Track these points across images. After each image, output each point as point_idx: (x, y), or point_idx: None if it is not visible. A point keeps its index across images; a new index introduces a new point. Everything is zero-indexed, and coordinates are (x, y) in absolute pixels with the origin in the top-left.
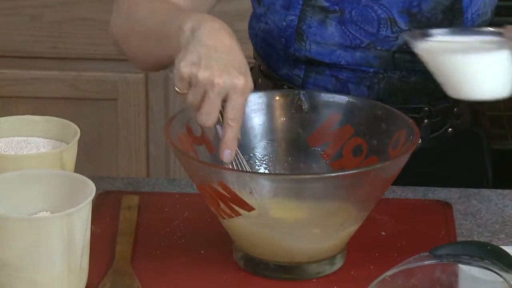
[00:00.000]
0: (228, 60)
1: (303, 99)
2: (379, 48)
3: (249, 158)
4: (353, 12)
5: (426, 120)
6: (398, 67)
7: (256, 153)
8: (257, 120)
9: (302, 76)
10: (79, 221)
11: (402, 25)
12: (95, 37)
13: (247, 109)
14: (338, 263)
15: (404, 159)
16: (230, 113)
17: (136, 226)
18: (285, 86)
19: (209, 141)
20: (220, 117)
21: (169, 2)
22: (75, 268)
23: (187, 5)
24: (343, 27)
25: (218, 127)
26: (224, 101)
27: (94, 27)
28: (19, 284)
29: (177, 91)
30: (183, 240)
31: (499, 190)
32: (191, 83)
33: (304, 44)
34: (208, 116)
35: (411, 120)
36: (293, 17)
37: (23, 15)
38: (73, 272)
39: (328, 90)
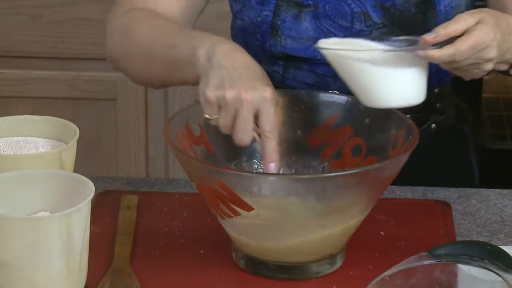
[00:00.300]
0: (250, 75)
1: (303, 99)
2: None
3: (249, 158)
4: (327, 7)
5: (407, 115)
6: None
7: (255, 153)
8: (256, 119)
9: (281, 72)
10: (78, 221)
11: (376, 19)
12: (95, 37)
13: None
14: (337, 263)
15: (404, 159)
16: (266, 125)
17: (135, 226)
18: None
19: (208, 141)
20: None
21: (167, 18)
22: (74, 268)
23: (180, 14)
24: (317, 22)
25: (258, 139)
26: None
27: (93, 27)
28: (18, 284)
29: (208, 119)
30: (182, 240)
31: (498, 190)
32: (220, 106)
33: (279, 40)
34: (243, 134)
35: (410, 120)
36: (268, 12)
37: (23, 15)
38: (72, 272)
39: (308, 85)
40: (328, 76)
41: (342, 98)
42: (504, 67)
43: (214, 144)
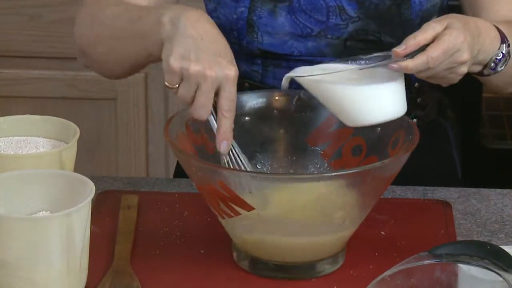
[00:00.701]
0: (215, 50)
1: (303, 98)
2: (330, 36)
3: (249, 158)
4: (302, 1)
5: None
6: (351, 56)
7: (255, 153)
8: (256, 119)
9: (260, 71)
10: (79, 220)
11: (351, 12)
12: None
13: (247, 109)
14: (338, 262)
15: (404, 158)
16: (225, 104)
17: (136, 225)
18: (246, 84)
19: (209, 141)
20: (212, 109)
21: (135, 3)
22: (74, 267)
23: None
24: (293, 16)
25: (211, 118)
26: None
27: None
28: (19, 283)
29: (167, 86)
30: (183, 239)
31: (498, 190)
32: (182, 77)
33: (255, 36)
34: (202, 109)
35: (410, 120)
36: (243, 8)
37: (22, 15)
38: (73, 272)
39: (289, 83)
40: None
41: None
42: (477, 68)
43: (214, 143)
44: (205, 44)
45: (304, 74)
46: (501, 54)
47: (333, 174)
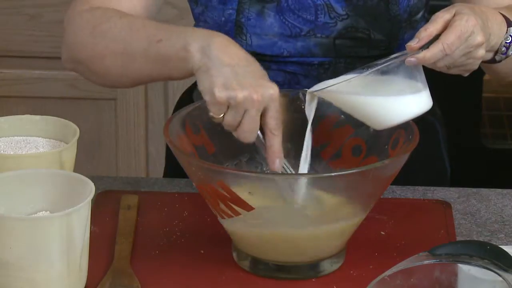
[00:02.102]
0: (253, 73)
1: (302, 98)
2: (319, 35)
3: (249, 158)
4: (290, 1)
5: None
6: (341, 54)
7: (255, 153)
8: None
9: None
10: (79, 220)
11: (340, 10)
12: None
13: None
14: (338, 262)
15: (404, 158)
16: (273, 123)
17: (136, 225)
18: None
19: (209, 141)
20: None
21: (138, 16)
22: (74, 267)
23: (144, 12)
24: (281, 17)
25: (260, 136)
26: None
27: None
28: (19, 283)
29: (213, 117)
30: (183, 239)
31: (498, 190)
32: (229, 106)
33: (244, 38)
34: (250, 133)
35: (410, 120)
36: (231, 11)
37: (23, 15)
38: (72, 272)
39: (280, 84)
40: (298, 74)
41: None
42: (489, 55)
43: (215, 143)
44: (242, 69)
45: (322, 86)
46: (510, 38)
47: (333, 174)
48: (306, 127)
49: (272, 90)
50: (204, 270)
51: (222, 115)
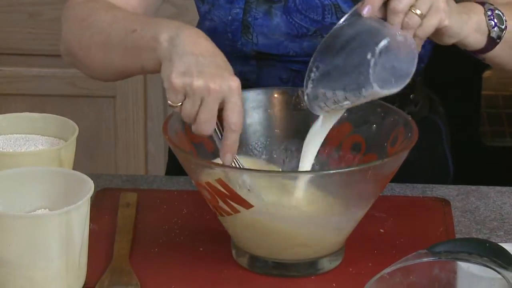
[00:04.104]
0: (216, 64)
1: (302, 96)
2: (326, 35)
3: (248, 156)
4: (297, 1)
5: None
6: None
7: (254, 150)
8: (255, 117)
9: (255, 73)
10: (78, 218)
11: (347, 10)
12: None
13: (246, 106)
14: (337, 260)
15: (403, 156)
16: (231, 116)
17: (135, 223)
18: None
19: (207, 139)
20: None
21: (127, 9)
22: (73, 265)
23: (140, 8)
24: (288, 17)
25: (214, 132)
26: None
27: None
28: (17, 281)
29: (170, 105)
30: (182, 237)
31: (497, 187)
32: (186, 93)
33: (251, 37)
34: (207, 124)
35: (410, 118)
36: (238, 10)
37: (22, 13)
38: (71, 270)
39: (284, 81)
40: (304, 72)
41: None
42: (482, 39)
43: (213, 141)
44: (206, 59)
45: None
46: (490, 11)
47: (332, 172)
48: (305, 125)
49: (232, 82)
50: (203, 267)
51: (180, 103)
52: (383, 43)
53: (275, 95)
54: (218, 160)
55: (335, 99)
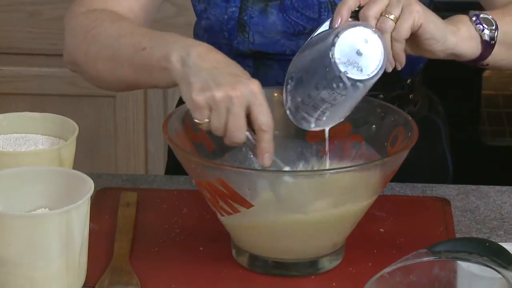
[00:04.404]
0: (231, 72)
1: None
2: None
3: (248, 155)
4: None
5: None
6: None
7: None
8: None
9: (251, 72)
10: (78, 218)
11: None
12: None
13: None
14: (337, 260)
15: (403, 155)
16: (261, 118)
17: (135, 223)
18: None
19: (208, 138)
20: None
21: (129, 18)
22: (73, 265)
23: (142, 12)
24: (285, 15)
25: (249, 135)
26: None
27: None
28: (18, 281)
29: (198, 124)
30: (182, 237)
31: (497, 187)
32: (210, 108)
33: (247, 36)
34: (238, 132)
35: (409, 117)
36: (234, 8)
37: (22, 12)
38: (72, 269)
39: (281, 84)
40: None
41: None
42: (476, 44)
43: (214, 140)
44: (220, 70)
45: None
46: (475, 16)
47: (332, 171)
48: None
49: (252, 85)
50: (203, 267)
51: (207, 120)
52: (340, 30)
53: (275, 94)
54: (219, 160)
55: (314, 104)
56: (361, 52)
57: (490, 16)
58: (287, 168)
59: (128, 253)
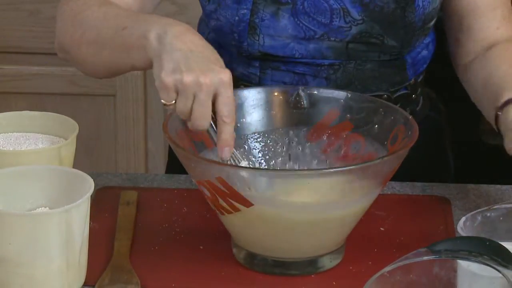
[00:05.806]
0: (205, 58)
1: (302, 95)
2: (333, 39)
3: (248, 154)
4: (306, 3)
5: None
6: (352, 57)
7: (254, 149)
8: (255, 115)
9: (258, 74)
10: (78, 216)
11: (355, 14)
12: None
13: (246, 105)
14: (337, 258)
15: (403, 154)
16: (223, 109)
17: (135, 221)
18: (243, 86)
19: (208, 137)
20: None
21: (120, 6)
22: (73, 263)
23: (136, 4)
24: (296, 19)
25: (210, 128)
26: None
27: None
28: (18, 279)
29: (164, 104)
30: (182, 235)
31: (497, 186)
32: (177, 91)
33: (257, 38)
34: (202, 119)
35: (410, 116)
36: (245, 10)
37: (22, 11)
38: (72, 268)
39: (287, 85)
40: (307, 75)
41: (341, 94)
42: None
43: (211, 137)
44: (194, 54)
45: None
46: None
47: (332, 170)
48: (305, 123)
49: (223, 74)
50: (204, 266)
51: (173, 102)
52: None
53: (275, 93)
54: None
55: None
56: None
57: None
58: (244, 163)
59: (128, 252)
